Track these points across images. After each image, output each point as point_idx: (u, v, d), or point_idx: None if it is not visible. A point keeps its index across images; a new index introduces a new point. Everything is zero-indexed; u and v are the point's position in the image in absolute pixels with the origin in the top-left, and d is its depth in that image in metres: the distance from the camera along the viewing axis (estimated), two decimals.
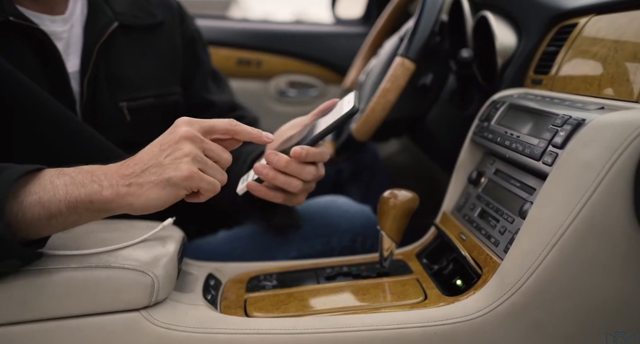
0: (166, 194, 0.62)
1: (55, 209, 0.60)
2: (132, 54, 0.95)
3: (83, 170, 0.63)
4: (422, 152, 1.51)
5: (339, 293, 0.79)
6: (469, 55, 1.07)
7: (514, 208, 0.77)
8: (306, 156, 0.75)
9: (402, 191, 0.85)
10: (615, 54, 0.76)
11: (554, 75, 0.90)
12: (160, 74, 1.00)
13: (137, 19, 0.96)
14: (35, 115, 0.80)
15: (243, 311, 0.75)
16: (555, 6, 0.97)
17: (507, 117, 0.87)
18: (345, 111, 0.74)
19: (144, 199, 0.61)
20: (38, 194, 0.60)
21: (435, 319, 0.69)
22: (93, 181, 0.61)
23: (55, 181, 0.61)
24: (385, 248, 0.84)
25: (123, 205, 0.61)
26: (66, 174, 0.62)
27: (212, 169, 0.65)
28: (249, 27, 2.02)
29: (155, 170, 0.62)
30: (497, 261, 0.73)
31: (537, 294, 0.66)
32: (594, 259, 0.64)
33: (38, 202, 0.60)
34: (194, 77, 1.09)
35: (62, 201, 0.60)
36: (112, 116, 0.93)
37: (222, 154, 0.67)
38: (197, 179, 0.63)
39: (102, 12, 0.91)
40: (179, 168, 0.62)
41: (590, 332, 0.68)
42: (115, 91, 0.92)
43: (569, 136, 0.66)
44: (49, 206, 0.60)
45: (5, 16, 0.78)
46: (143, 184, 0.61)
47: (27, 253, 0.62)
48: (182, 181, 0.62)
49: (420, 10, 1.05)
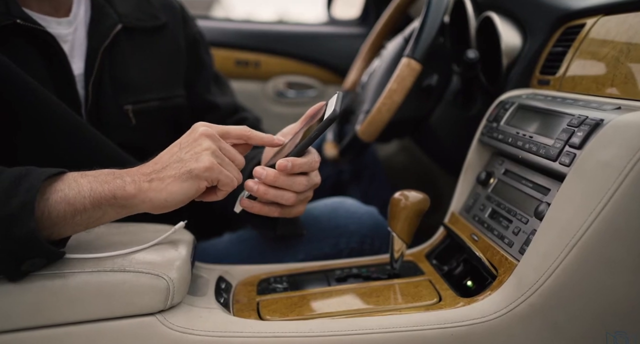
0: (188, 186, 0.64)
1: (80, 206, 0.62)
2: (136, 56, 0.94)
3: (105, 171, 0.65)
4: (424, 153, 1.51)
5: (351, 295, 0.79)
6: (475, 56, 1.07)
7: (528, 209, 0.77)
8: (292, 167, 0.72)
9: (412, 192, 0.84)
10: (628, 54, 0.77)
11: (562, 75, 0.90)
12: (165, 76, 1.00)
13: (141, 22, 0.95)
14: (42, 118, 0.79)
15: (257, 314, 0.74)
16: (561, 7, 0.97)
17: (517, 117, 0.87)
18: (325, 116, 0.70)
19: (165, 194, 0.64)
20: (63, 191, 0.62)
21: (452, 321, 0.68)
22: (116, 177, 0.64)
23: (79, 179, 0.63)
24: (396, 249, 0.84)
25: (145, 200, 0.64)
26: (89, 174, 0.65)
27: (229, 166, 0.68)
28: (247, 28, 2.01)
29: (176, 165, 0.65)
30: (513, 262, 0.73)
31: (555, 295, 0.66)
32: (613, 260, 0.64)
33: (63, 200, 0.61)
34: (197, 79, 1.08)
35: (86, 197, 0.62)
36: (116, 119, 0.92)
37: (236, 155, 0.70)
38: (217, 170, 0.65)
39: (105, 14, 0.91)
40: (200, 159, 0.65)
41: (604, 332, 0.68)
42: (119, 94, 0.92)
43: (587, 136, 0.66)
44: (74, 202, 0.62)
45: (13, 19, 0.77)
46: (164, 178, 0.64)
47: (54, 252, 0.62)
48: (202, 172, 0.64)
49: (426, 11, 1.05)
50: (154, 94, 0.97)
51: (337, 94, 0.74)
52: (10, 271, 0.61)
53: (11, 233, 0.58)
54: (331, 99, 0.74)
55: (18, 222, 0.58)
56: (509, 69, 1.04)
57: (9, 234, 0.58)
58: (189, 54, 1.06)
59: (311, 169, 0.76)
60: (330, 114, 0.70)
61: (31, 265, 0.61)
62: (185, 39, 1.05)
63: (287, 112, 1.89)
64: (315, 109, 0.80)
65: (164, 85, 0.99)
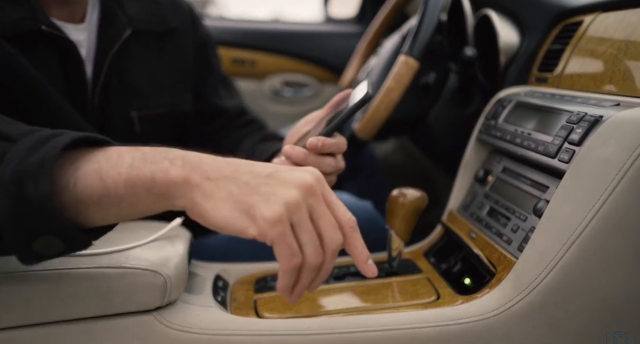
0: (235, 219, 0.48)
1: (111, 184, 0.49)
2: (145, 61, 0.93)
3: (161, 149, 0.52)
4: (422, 151, 1.51)
5: (349, 293, 0.78)
6: (472, 53, 1.06)
7: (526, 206, 0.76)
8: (322, 146, 0.72)
9: (410, 190, 0.84)
10: (626, 51, 0.76)
11: (560, 73, 0.90)
12: (172, 83, 0.98)
13: (151, 25, 0.93)
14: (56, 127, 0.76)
15: (254, 312, 0.73)
16: (559, 4, 0.97)
17: (515, 115, 0.87)
18: (358, 98, 0.72)
19: (210, 205, 0.48)
20: (99, 163, 0.50)
21: (450, 319, 0.68)
22: (165, 158, 0.50)
23: (124, 153, 0.51)
24: (394, 248, 0.84)
25: (187, 195, 0.49)
26: (140, 149, 0.51)
27: (308, 237, 0.49)
28: (244, 27, 2.01)
29: (244, 187, 0.49)
30: (512, 260, 0.72)
31: (554, 293, 0.66)
32: (612, 257, 0.64)
33: (96, 172, 0.49)
34: (204, 83, 1.07)
35: (122, 173, 0.49)
36: (121, 125, 0.90)
37: (331, 230, 0.50)
38: (281, 234, 0.47)
39: (115, 18, 0.89)
40: (271, 206, 0.47)
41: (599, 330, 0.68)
42: (126, 100, 0.90)
43: (587, 132, 0.66)
44: (106, 177, 0.49)
45: (39, 25, 0.77)
46: (221, 188, 0.49)
47: (71, 230, 0.49)
48: (262, 220, 0.47)
49: (423, 9, 1.04)
50: (161, 101, 0.95)
51: (365, 81, 0.76)
52: (20, 246, 0.49)
53: (23, 193, 0.47)
54: (359, 85, 0.76)
55: (31, 180, 0.47)
56: (507, 66, 1.03)
57: (20, 194, 0.47)
58: (197, 57, 1.04)
59: (339, 150, 0.76)
60: (363, 95, 0.71)
61: (45, 246, 0.49)
62: (194, 42, 1.03)
63: (284, 111, 1.89)
64: (341, 96, 0.81)
65: (172, 92, 0.98)
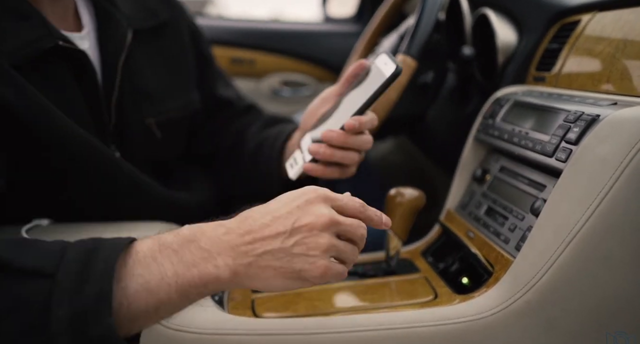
0: (292, 284, 0.53)
1: (164, 296, 0.49)
2: (150, 63, 0.89)
3: (184, 239, 0.51)
4: (420, 151, 1.51)
5: (347, 293, 0.79)
6: (470, 52, 1.06)
7: (524, 205, 0.76)
8: (360, 126, 0.73)
9: (408, 189, 0.84)
10: (623, 50, 0.76)
11: (558, 72, 0.90)
12: (179, 80, 0.95)
13: (145, 22, 0.89)
14: (74, 156, 0.73)
15: (252, 312, 0.73)
16: (556, 3, 0.97)
17: (512, 114, 0.87)
18: (387, 73, 0.71)
19: (262, 284, 0.53)
20: (143, 277, 0.48)
21: (447, 318, 0.68)
22: (204, 258, 0.50)
23: (159, 257, 0.49)
24: (392, 247, 0.84)
25: (238, 284, 0.52)
26: (167, 246, 0.50)
27: (346, 254, 0.55)
28: (243, 26, 2.01)
29: (282, 257, 0.51)
30: (509, 259, 0.72)
31: (552, 292, 0.66)
32: (609, 256, 0.64)
33: (144, 288, 0.48)
34: (204, 75, 1.03)
35: (172, 285, 0.49)
36: (141, 134, 0.87)
37: (357, 231, 0.56)
38: (330, 274, 0.53)
39: (114, 20, 0.83)
40: (315, 263, 0.52)
41: (598, 330, 0.68)
42: (141, 107, 0.86)
43: (584, 131, 0.66)
44: (158, 291, 0.48)
45: (55, 41, 0.71)
46: (265, 268, 0.51)
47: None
48: (314, 278, 0.53)
49: (421, 8, 1.04)
50: (174, 103, 0.92)
51: (384, 53, 0.75)
52: None
53: (86, 332, 0.45)
54: (379, 58, 0.76)
55: (92, 318, 0.45)
56: (505, 65, 1.03)
57: (82, 334, 0.45)
58: (193, 49, 1.00)
59: (373, 126, 0.77)
60: (393, 70, 0.71)
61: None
62: (187, 33, 0.99)
63: (282, 110, 1.88)
64: (355, 69, 0.80)
65: (181, 91, 0.95)
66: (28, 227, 0.73)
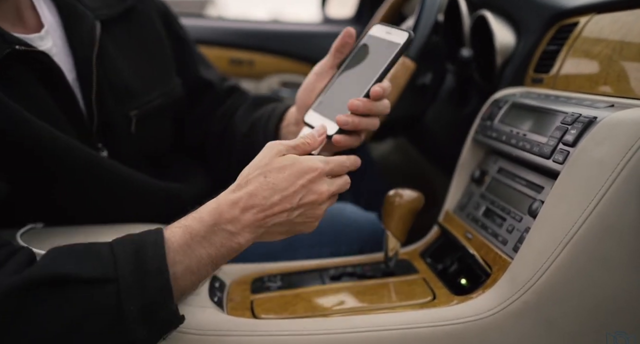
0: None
1: (204, 272, 0.62)
2: (123, 54, 0.86)
3: (208, 225, 0.62)
4: (418, 152, 1.51)
5: (346, 294, 0.79)
6: (469, 54, 1.07)
7: (522, 206, 0.77)
8: (384, 92, 0.73)
9: (406, 191, 0.84)
10: (621, 52, 0.77)
11: (556, 74, 0.90)
12: (157, 67, 0.92)
13: (111, 9, 0.85)
14: (58, 161, 0.72)
15: (250, 313, 0.73)
16: (554, 5, 0.98)
17: (510, 115, 0.87)
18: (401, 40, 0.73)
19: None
20: (183, 263, 0.60)
21: (445, 319, 0.68)
22: (228, 238, 0.62)
23: (192, 244, 0.61)
24: (391, 248, 0.84)
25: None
26: (196, 234, 0.61)
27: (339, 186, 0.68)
28: (242, 27, 2.01)
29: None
30: (507, 260, 0.73)
31: (549, 293, 0.66)
32: (606, 257, 0.64)
33: (187, 271, 0.61)
34: (182, 58, 1.00)
35: (208, 264, 0.62)
36: (126, 129, 0.85)
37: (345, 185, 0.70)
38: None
39: (79, 15, 0.80)
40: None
41: (598, 330, 0.68)
42: (122, 101, 0.84)
43: (581, 133, 0.67)
44: (198, 271, 0.61)
45: (11, 47, 0.68)
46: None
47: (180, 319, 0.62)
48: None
49: (420, 9, 1.05)
50: (156, 92, 0.90)
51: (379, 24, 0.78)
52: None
53: (155, 320, 0.58)
54: (373, 29, 0.78)
55: (159, 306, 0.58)
56: (503, 67, 1.04)
57: (154, 322, 0.58)
58: (166, 31, 0.97)
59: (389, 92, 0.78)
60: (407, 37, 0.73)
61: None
62: (157, 16, 0.95)
63: None
64: (344, 38, 0.80)
65: (162, 77, 0.92)
66: (23, 231, 0.73)
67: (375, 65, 0.75)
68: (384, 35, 0.76)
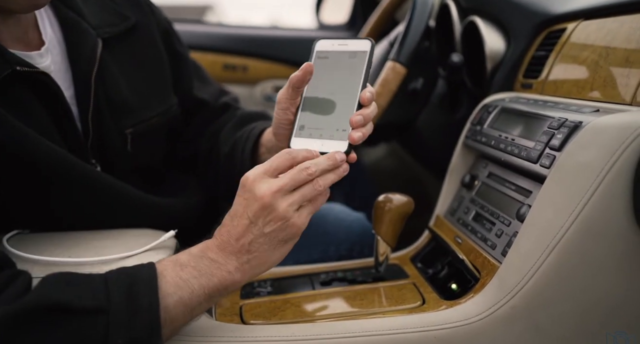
0: (286, 249, 0.65)
1: (196, 304, 0.61)
2: (123, 71, 0.86)
3: (196, 256, 0.63)
4: (411, 156, 1.51)
5: (335, 299, 0.79)
6: (459, 60, 1.07)
7: (510, 211, 0.77)
8: (372, 96, 0.70)
9: (396, 195, 0.84)
10: (606, 58, 0.77)
11: (545, 79, 0.91)
12: (155, 85, 0.92)
13: (114, 28, 0.86)
14: (55, 175, 0.72)
15: (239, 318, 0.73)
16: (543, 12, 0.98)
17: (500, 120, 0.87)
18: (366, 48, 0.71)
19: (269, 263, 0.64)
20: (176, 294, 0.60)
21: (434, 324, 0.68)
22: (217, 267, 0.62)
23: (183, 275, 0.61)
24: (381, 253, 0.84)
25: (254, 276, 0.65)
26: (185, 265, 0.62)
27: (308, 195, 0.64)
28: (235, 33, 2.01)
29: (264, 239, 0.62)
30: (495, 264, 0.73)
31: (537, 297, 0.66)
32: (593, 260, 0.64)
33: (180, 303, 0.60)
34: (179, 76, 1.00)
35: (200, 295, 0.61)
36: (120, 146, 0.85)
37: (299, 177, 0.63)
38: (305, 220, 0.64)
39: (82, 32, 0.80)
40: (289, 227, 0.62)
41: (589, 332, 0.69)
42: (119, 118, 0.84)
43: (567, 138, 0.67)
44: (190, 303, 0.61)
45: (12, 66, 0.69)
46: (260, 254, 0.63)
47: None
48: (297, 234, 0.64)
49: (411, 15, 1.05)
50: (153, 110, 0.90)
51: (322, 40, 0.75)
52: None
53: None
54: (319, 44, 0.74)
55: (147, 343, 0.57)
56: (493, 72, 1.04)
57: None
58: (166, 48, 0.97)
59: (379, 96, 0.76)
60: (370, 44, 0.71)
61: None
62: (158, 33, 0.95)
63: None
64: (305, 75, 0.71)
65: (159, 96, 0.93)
66: (9, 236, 0.73)
67: (351, 76, 0.72)
68: (339, 48, 0.73)
